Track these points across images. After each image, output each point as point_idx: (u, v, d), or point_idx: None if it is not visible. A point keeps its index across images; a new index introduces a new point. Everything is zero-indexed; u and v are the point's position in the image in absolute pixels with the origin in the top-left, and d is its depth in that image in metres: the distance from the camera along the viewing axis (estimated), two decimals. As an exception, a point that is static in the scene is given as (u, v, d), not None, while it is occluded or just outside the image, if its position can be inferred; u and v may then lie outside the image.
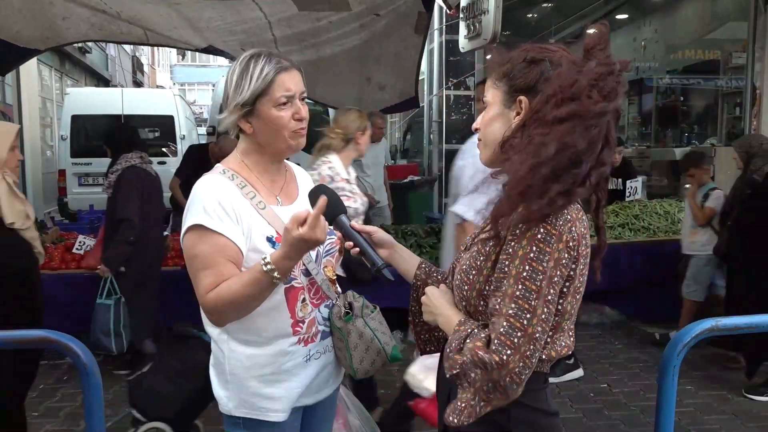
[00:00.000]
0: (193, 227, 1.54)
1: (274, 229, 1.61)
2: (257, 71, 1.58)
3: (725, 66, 9.95)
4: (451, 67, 8.08)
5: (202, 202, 1.55)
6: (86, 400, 1.49)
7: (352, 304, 1.70)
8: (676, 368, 1.57)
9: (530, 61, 1.33)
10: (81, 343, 1.48)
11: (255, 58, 1.61)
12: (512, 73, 1.34)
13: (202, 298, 1.53)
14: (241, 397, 1.65)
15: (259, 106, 1.59)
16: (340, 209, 1.58)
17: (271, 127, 1.61)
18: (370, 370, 1.71)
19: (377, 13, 4.57)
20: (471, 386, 1.23)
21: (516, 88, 1.33)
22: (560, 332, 1.32)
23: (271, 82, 1.58)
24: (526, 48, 1.35)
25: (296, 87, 1.62)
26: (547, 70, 1.30)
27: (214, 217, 1.53)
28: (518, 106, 1.33)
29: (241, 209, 1.58)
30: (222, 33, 4.71)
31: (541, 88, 1.29)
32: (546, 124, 1.23)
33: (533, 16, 10.32)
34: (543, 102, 1.25)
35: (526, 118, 1.29)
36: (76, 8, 4.37)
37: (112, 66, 20.40)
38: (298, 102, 1.63)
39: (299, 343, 1.66)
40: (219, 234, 1.52)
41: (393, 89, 5.36)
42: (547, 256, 1.21)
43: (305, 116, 1.64)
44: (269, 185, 1.69)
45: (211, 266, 1.52)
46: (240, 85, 1.59)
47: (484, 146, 1.41)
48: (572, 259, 1.26)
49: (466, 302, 1.35)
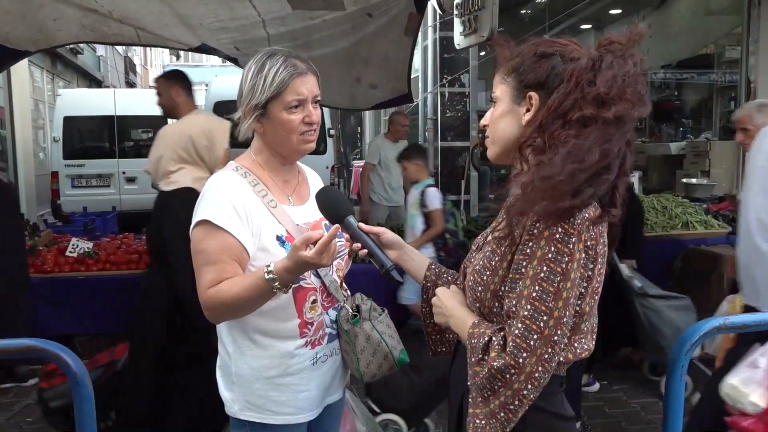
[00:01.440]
0: (201, 222, 1.56)
1: (285, 229, 1.61)
2: (271, 74, 1.58)
3: (719, 60, 9.97)
4: (445, 64, 8.03)
5: (213, 197, 1.57)
6: (77, 411, 1.45)
7: (360, 307, 1.68)
8: (684, 367, 1.54)
9: (540, 55, 1.29)
10: (71, 352, 1.43)
11: (271, 58, 1.60)
12: (522, 67, 1.30)
13: (201, 294, 1.54)
14: (247, 399, 1.64)
15: (270, 108, 1.60)
16: (348, 210, 1.57)
17: (281, 129, 1.61)
18: (377, 374, 1.69)
19: (370, 14, 4.54)
20: (496, 398, 1.19)
21: (526, 83, 1.29)
22: (579, 334, 1.28)
23: (284, 86, 1.58)
24: (536, 42, 1.32)
25: (309, 91, 1.62)
26: (558, 64, 1.26)
27: (223, 215, 1.54)
28: (528, 102, 1.29)
29: (252, 207, 1.58)
30: (215, 31, 4.67)
31: (552, 83, 1.25)
32: (576, 124, 1.19)
33: (527, 12, 10.30)
34: (564, 99, 1.21)
35: (543, 117, 1.24)
36: (66, 9, 4.31)
37: (105, 67, 20.33)
38: (309, 106, 1.63)
39: (306, 345, 1.65)
40: (226, 232, 1.53)
41: (385, 88, 5.32)
42: (566, 257, 1.17)
43: (316, 120, 1.64)
44: (281, 185, 1.70)
45: (215, 263, 1.53)
46: (254, 85, 1.59)
47: (492, 143, 1.37)
48: (590, 258, 1.22)
49: (480, 303, 1.32)
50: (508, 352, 1.16)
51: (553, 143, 1.21)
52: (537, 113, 1.27)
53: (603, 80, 1.19)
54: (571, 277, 1.18)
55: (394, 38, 4.74)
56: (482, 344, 1.23)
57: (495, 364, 1.17)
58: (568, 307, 1.18)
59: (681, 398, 1.58)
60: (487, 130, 1.38)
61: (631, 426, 3.60)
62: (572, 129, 1.19)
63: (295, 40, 4.68)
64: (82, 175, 9.51)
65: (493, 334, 1.23)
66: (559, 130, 1.20)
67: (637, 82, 1.20)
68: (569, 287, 1.18)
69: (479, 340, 1.24)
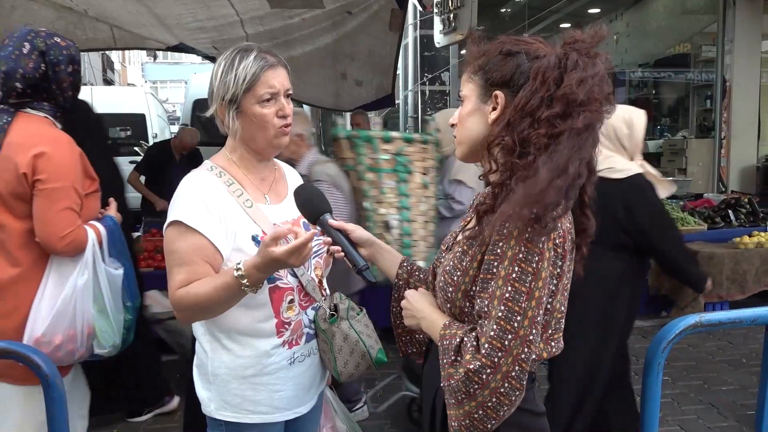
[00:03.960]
0: (174, 223, 1.54)
1: (261, 228, 1.59)
2: (242, 67, 1.56)
3: (695, 59, 10.10)
4: (425, 62, 8.05)
5: (186, 198, 1.55)
6: (49, 412, 1.43)
7: (337, 306, 1.67)
8: (661, 365, 1.56)
9: (506, 53, 1.29)
10: (43, 354, 1.41)
11: (241, 53, 1.59)
12: (488, 66, 1.31)
13: (171, 294, 1.52)
14: (224, 398, 1.63)
15: (243, 102, 1.58)
16: (325, 209, 1.56)
17: (255, 123, 1.59)
18: (355, 374, 1.68)
19: (350, 11, 4.53)
20: (472, 400, 1.19)
21: (492, 81, 1.30)
22: (550, 331, 1.29)
23: (255, 79, 1.56)
24: (502, 40, 1.32)
25: (281, 84, 1.60)
26: (524, 62, 1.27)
27: (196, 215, 1.52)
28: (494, 101, 1.29)
29: (226, 208, 1.56)
30: (193, 30, 4.63)
31: (517, 81, 1.26)
32: (545, 123, 1.19)
33: (507, 10, 10.35)
34: (531, 97, 1.21)
35: (510, 116, 1.24)
36: (40, 10, 4.22)
37: (82, 64, 20.05)
38: (282, 99, 1.61)
39: (283, 345, 1.63)
40: (198, 233, 1.51)
41: (370, 84, 5.32)
42: (536, 257, 1.18)
43: (289, 113, 1.63)
44: (258, 183, 1.68)
45: (186, 264, 1.51)
46: (225, 80, 1.57)
47: (460, 142, 1.37)
48: (559, 256, 1.23)
49: (451, 304, 1.32)
50: (484, 354, 1.16)
51: (524, 143, 1.21)
52: (504, 111, 1.27)
53: (572, 81, 1.18)
54: (542, 276, 1.19)
55: (378, 34, 4.75)
56: (454, 345, 1.23)
57: (471, 366, 1.17)
58: (540, 306, 1.19)
59: (658, 394, 1.61)
60: (455, 128, 1.39)
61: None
62: (542, 128, 1.19)
63: (275, 39, 4.66)
64: (59, 173, 9.38)
65: (465, 335, 1.23)
66: (527, 130, 1.20)
67: (603, 82, 1.21)
68: (541, 286, 1.19)
69: (451, 341, 1.24)
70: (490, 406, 1.18)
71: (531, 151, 1.19)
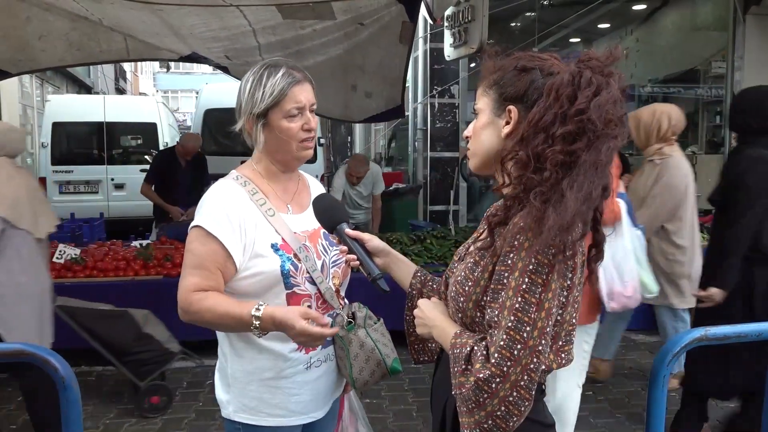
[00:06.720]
0: (195, 227, 1.62)
1: (281, 237, 1.65)
2: (270, 83, 1.63)
3: (705, 75, 10.09)
4: (435, 75, 8.08)
5: (210, 206, 1.63)
6: (64, 414, 1.46)
7: (355, 314, 1.70)
8: (666, 378, 1.57)
9: (521, 69, 1.31)
10: (60, 356, 1.44)
11: (269, 69, 1.66)
12: (502, 80, 1.33)
13: (183, 292, 1.59)
14: (242, 401, 1.68)
15: (270, 117, 1.65)
16: (342, 218, 1.62)
17: (281, 137, 1.66)
18: (370, 381, 1.70)
19: (361, 23, 4.57)
20: (481, 409, 1.20)
21: (506, 96, 1.32)
22: (560, 342, 1.31)
23: (282, 95, 1.63)
24: (517, 56, 1.34)
25: (307, 99, 1.67)
26: (538, 78, 1.29)
27: (216, 223, 1.60)
28: (507, 115, 1.31)
29: (248, 217, 1.63)
30: (206, 40, 4.69)
31: (531, 97, 1.28)
32: (560, 140, 1.20)
33: (517, 25, 10.39)
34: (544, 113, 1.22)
35: (524, 131, 1.25)
36: (55, 21, 4.26)
37: (95, 73, 20.24)
38: (308, 113, 1.68)
39: (300, 350, 1.68)
40: (216, 239, 1.58)
41: (380, 96, 5.35)
42: (546, 269, 1.20)
43: (314, 127, 1.70)
44: (281, 193, 1.74)
45: (200, 267, 1.59)
46: (254, 95, 1.64)
47: (473, 155, 1.40)
48: (569, 268, 1.25)
49: (462, 314, 1.33)
50: (493, 363, 1.18)
51: (539, 158, 1.21)
52: (517, 126, 1.29)
53: (585, 99, 1.19)
54: (552, 288, 1.20)
55: (388, 46, 4.78)
56: (465, 354, 1.24)
57: (481, 375, 1.18)
58: (550, 317, 1.21)
59: (663, 408, 1.61)
60: (469, 141, 1.41)
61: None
62: (557, 145, 1.20)
63: (287, 48, 4.71)
64: (70, 181, 9.47)
65: (475, 344, 1.24)
66: (542, 145, 1.21)
67: (617, 104, 1.21)
68: (550, 297, 1.20)
69: (462, 350, 1.26)
70: (499, 415, 1.18)
71: (547, 167, 1.20)
